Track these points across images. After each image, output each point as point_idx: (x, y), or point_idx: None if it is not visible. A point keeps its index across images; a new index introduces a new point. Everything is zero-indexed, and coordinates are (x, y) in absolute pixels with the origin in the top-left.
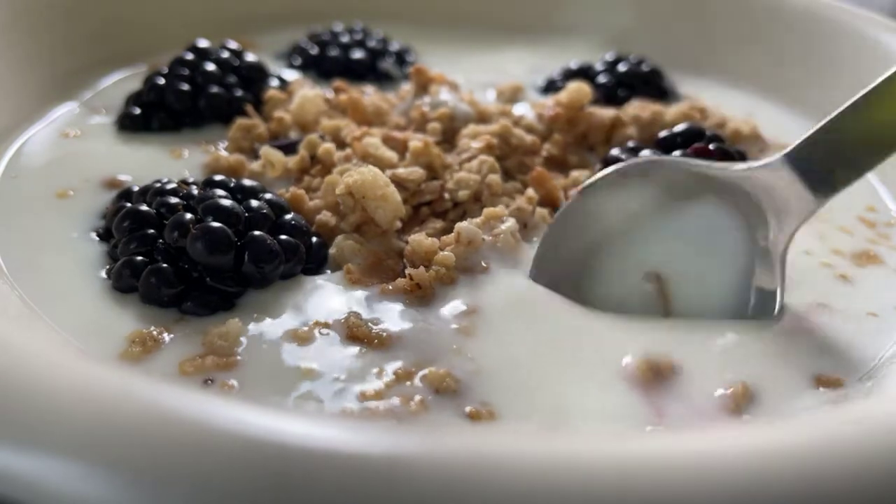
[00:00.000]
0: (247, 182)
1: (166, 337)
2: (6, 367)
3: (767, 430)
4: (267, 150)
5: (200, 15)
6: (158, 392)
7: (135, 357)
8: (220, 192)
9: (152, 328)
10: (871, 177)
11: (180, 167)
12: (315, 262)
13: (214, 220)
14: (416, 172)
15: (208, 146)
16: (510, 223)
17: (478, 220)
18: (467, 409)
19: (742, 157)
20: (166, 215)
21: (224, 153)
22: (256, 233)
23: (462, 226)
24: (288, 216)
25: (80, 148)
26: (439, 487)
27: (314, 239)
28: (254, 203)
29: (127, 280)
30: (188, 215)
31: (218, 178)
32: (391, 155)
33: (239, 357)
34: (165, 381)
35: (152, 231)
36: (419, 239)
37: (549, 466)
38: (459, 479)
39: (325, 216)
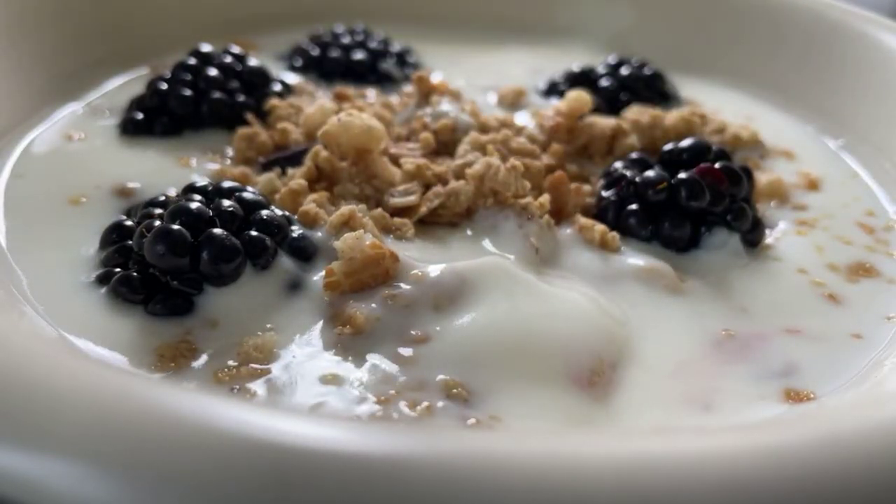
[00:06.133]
0: (226, 184)
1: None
2: (7, 367)
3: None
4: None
5: (202, 15)
6: (158, 392)
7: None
8: (194, 196)
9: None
10: (870, 180)
11: (188, 175)
12: (298, 255)
13: (174, 222)
14: (409, 200)
15: (215, 155)
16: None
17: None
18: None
19: (748, 173)
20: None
21: (230, 162)
22: (215, 231)
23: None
24: (263, 212)
25: (86, 152)
26: (439, 488)
27: (295, 233)
28: (224, 203)
29: (114, 289)
30: (157, 223)
31: (200, 183)
32: (394, 171)
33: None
34: (166, 383)
35: (130, 242)
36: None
37: (548, 467)
38: (459, 479)
39: (311, 207)
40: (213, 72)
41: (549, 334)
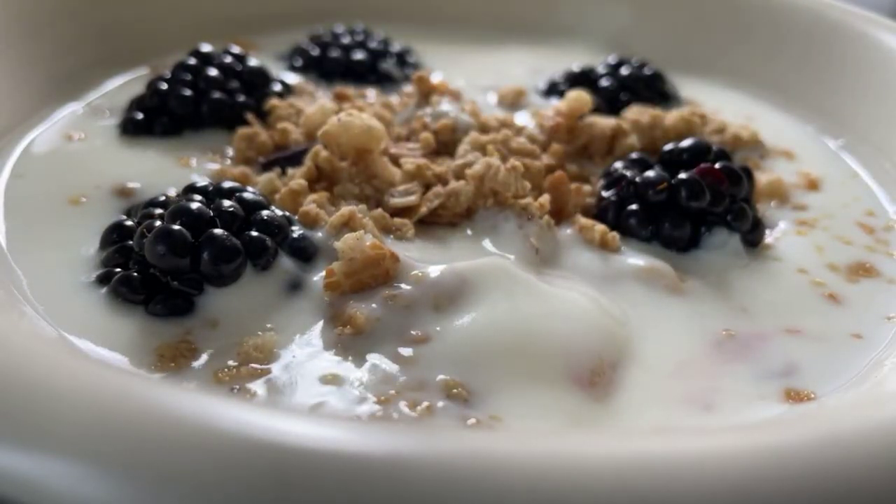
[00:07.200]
0: (226, 184)
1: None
2: (7, 367)
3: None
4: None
5: (202, 16)
6: (158, 392)
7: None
8: (195, 196)
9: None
10: (870, 180)
11: (188, 175)
12: (298, 255)
13: (175, 223)
14: (409, 200)
15: (215, 155)
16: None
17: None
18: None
19: (748, 173)
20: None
21: (230, 162)
22: (215, 231)
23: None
24: (263, 212)
25: (86, 152)
26: (439, 488)
27: (295, 233)
28: (224, 203)
29: (114, 289)
30: (157, 223)
31: (200, 183)
32: (394, 171)
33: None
34: (166, 383)
35: (130, 242)
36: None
37: (548, 467)
38: (459, 479)
39: (311, 208)
40: (213, 72)
41: (550, 334)
